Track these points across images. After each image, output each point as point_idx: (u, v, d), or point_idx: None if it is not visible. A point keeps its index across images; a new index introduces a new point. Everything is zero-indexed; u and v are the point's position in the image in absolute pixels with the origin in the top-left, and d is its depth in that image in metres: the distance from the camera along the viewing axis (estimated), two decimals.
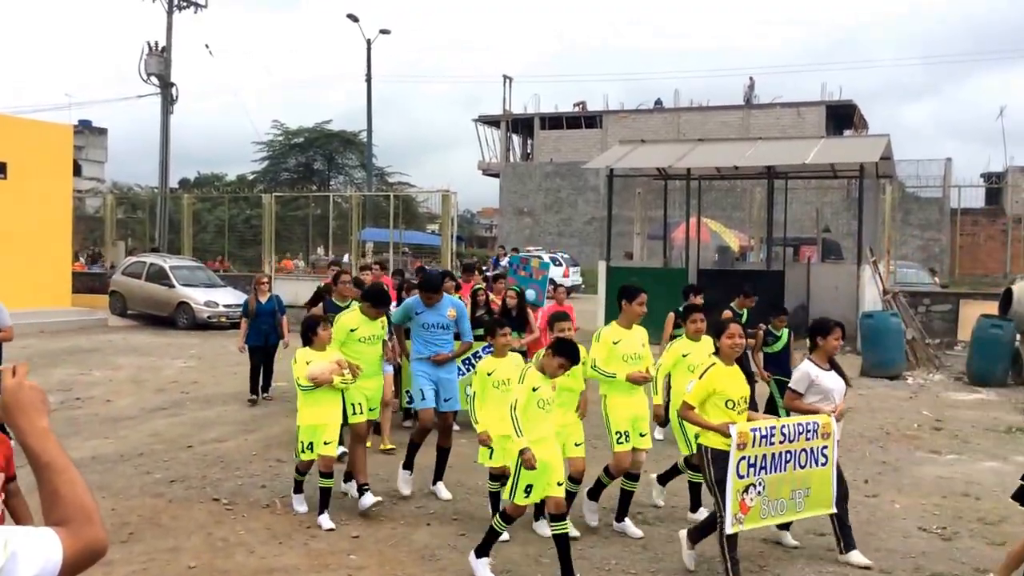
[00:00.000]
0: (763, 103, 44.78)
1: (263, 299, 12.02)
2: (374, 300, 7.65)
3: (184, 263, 23.36)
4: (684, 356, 7.07)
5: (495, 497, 6.74)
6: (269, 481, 8.06)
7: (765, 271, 18.64)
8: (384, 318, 7.91)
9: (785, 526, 6.44)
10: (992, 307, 15.87)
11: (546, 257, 21.62)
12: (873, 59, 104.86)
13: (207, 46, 34.06)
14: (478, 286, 11.16)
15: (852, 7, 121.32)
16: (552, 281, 14.40)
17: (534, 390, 5.73)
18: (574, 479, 6.52)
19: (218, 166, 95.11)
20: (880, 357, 15.10)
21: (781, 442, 5.84)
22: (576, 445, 6.54)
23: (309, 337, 7.08)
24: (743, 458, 5.62)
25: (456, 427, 8.65)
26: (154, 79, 28.03)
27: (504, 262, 20.62)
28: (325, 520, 6.84)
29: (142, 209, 34.71)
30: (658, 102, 47.64)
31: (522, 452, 5.60)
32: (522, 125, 50.38)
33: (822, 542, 6.63)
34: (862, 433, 10.58)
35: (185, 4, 28.78)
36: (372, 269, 13.80)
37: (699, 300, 9.69)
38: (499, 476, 6.62)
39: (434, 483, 7.69)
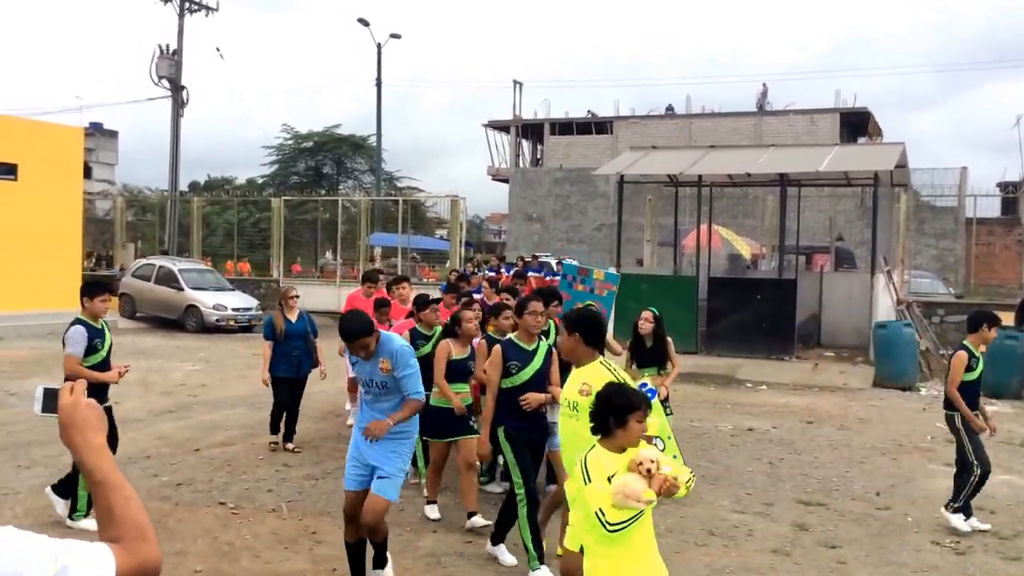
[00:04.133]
0: (776, 110, 44.61)
1: (292, 317, 9.50)
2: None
3: (193, 266, 23.38)
4: None
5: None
6: (276, 485, 8.01)
7: (777, 279, 18.51)
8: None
9: None
10: (1007, 318, 15.70)
11: (612, 268, 19.23)
12: (887, 67, 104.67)
13: (218, 49, 34.23)
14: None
15: (867, 14, 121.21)
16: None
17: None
18: None
19: (228, 169, 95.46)
20: (893, 368, 14.97)
21: None
22: None
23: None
24: None
25: None
26: (165, 82, 28.13)
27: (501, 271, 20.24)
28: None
29: (152, 212, 34.81)
30: (669, 108, 47.52)
31: None
32: (532, 130, 50.33)
33: (833, 554, 6.54)
34: (874, 445, 10.47)
35: (196, 7, 28.89)
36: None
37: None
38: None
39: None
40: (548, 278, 22.19)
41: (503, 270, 18.59)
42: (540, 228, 46.21)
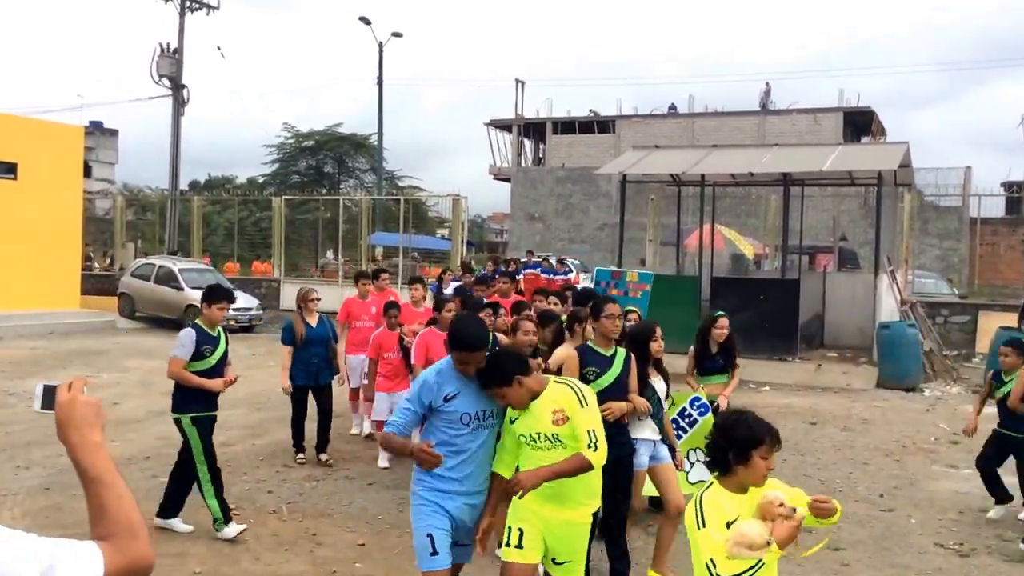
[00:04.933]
0: (779, 109, 44.51)
1: (313, 322, 8.87)
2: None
3: (193, 266, 23.33)
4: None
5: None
6: (276, 487, 7.97)
7: (780, 279, 18.43)
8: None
9: None
10: (1011, 318, 15.64)
11: (645, 268, 18.23)
12: (891, 66, 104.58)
13: (219, 48, 34.15)
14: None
15: (870, 13, 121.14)
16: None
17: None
18: None
19: (228, 168, 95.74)
20: (897, 368, 14.90)
21: None
22: None
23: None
24: None
25: None
26: (166, 81, 28.05)
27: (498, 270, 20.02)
28: None
29: (152, 211, 34.78)
30: (672, 107, 47.43)
31: None
32: (534, 129, 50.27)
33: (836, 556, 6.49)
34: (878, 446, 10.42)
35: (197, 6, 28.82)
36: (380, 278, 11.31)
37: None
38: None
39: None
40: (545, 276, 22.14)
41: (497, 272, 18.16)
42: (542, 228, 46.15)
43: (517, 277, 17.78)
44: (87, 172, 39.77)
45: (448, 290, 12.50)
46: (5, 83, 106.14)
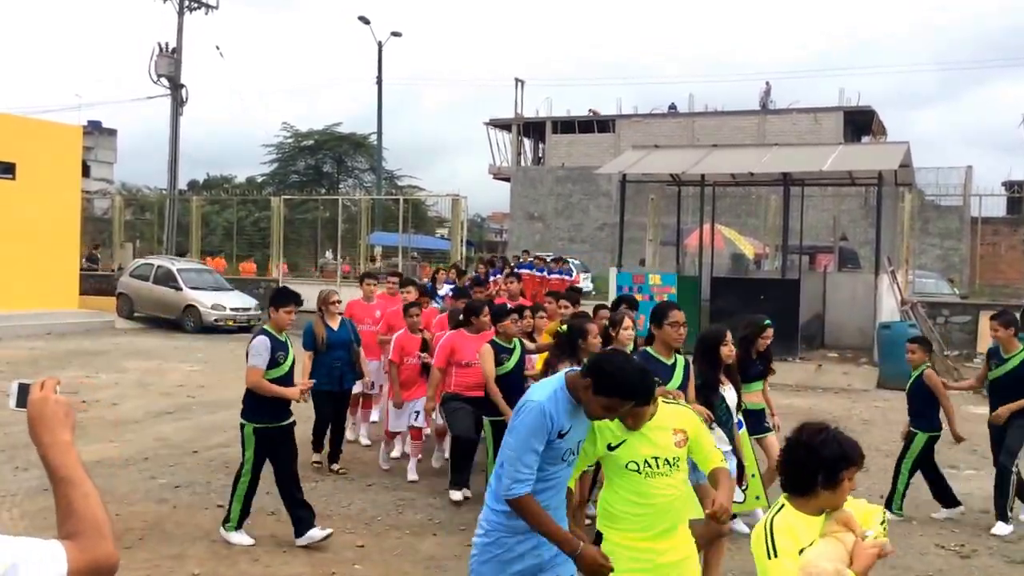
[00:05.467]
0: (779, 108, 44.55)
1: (334, 325, 8.51)
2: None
3: (192, 266, 23.29)
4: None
5: None
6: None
7: (780, 279, 18.40)
8: None
9: None
10: None
11: (644, 268, 17.78)
12: (891, 65, 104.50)
13: (218, 47, 34.16)
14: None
15: (870, 13, 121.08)
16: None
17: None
18: None
19: (227, 168, 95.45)
20: (897, 368, 14.79)
21: None
22: None
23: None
24: None
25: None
26: (164, 80, 28.03)
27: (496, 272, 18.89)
28: None
29: (151, 211, 34.68)
30: (672, 107, 47.45)
31: None
32: (533, 129, 50.28)
33: None
34: (878, 447, 10.38)
35: (196, 5, 28.81)
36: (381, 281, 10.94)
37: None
38: None
39: None
40: (539, 275, 22.10)
41: (492, 275, 17.49)
42: (542, 227, 46.15)
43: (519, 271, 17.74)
44: (85, 172, 39.73)
45: (442, 292, 12.38)
46: (3, 83, 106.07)
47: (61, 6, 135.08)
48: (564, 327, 6.70)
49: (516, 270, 19.56)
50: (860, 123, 44.33)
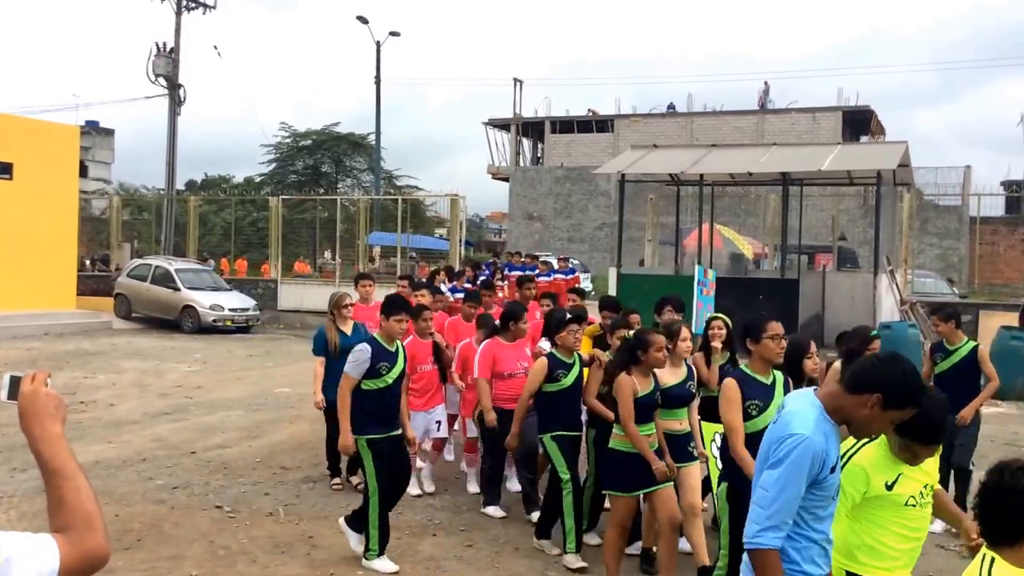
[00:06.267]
0: (778, 108, 44.52)
1: (347, 330, 7.98)
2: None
3: (190, 266, 23.24)
4: None
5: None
6: (272, 489, 7.90)
7: (779, 279, 18.39)
8: None
9: None
10: (1012, 318, 15.57)
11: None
12: (890, 65, 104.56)
13: (215, 47, 34.10)
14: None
15: (869, 12, 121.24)
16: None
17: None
18: None
19: (225, 168, 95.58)
20: None
21: None
22: None
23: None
24: None
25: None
26: (162, 80, 28.01)
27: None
28: None
29: (148, 211, 34.60)
30: (671, 106, 47.41)
31: None
32: (532, 129, 50.24)
33: None
34: None
35: (194, 5, 28.79)
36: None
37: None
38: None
39: None
40: (536, 275, 21.88)
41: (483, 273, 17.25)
42: (541, 227, 46.12)
43: (501, 283, 17.21)
44: (83, 172, 39.60)
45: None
46: (0, 82, 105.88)
47: (58, 6, 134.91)
48: (628, 333, 6.12)
49: (507, 272, 19.36)
50: (859, 123, 44.31)
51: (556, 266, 20.85)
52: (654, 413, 5.58)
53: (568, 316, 6.64)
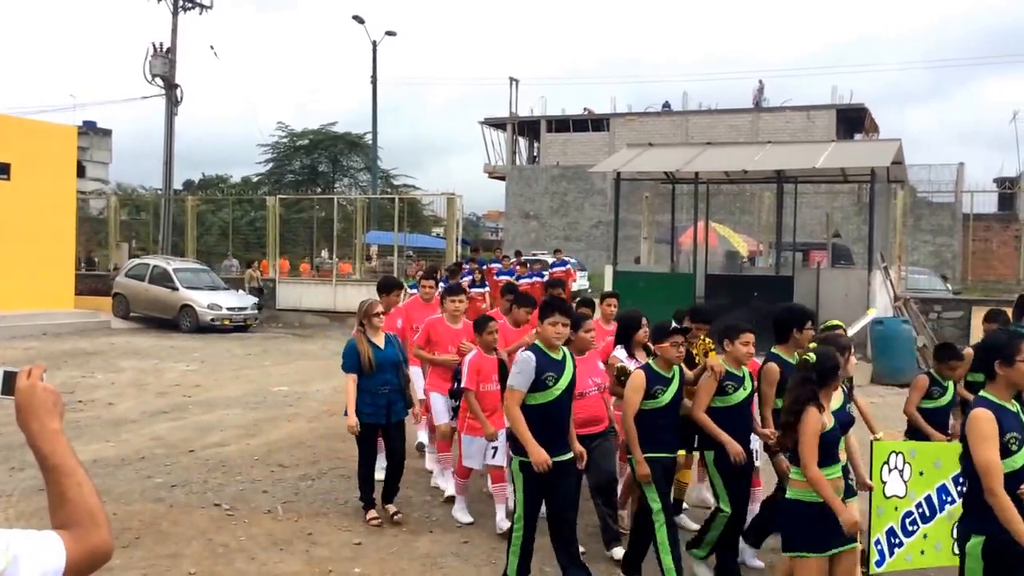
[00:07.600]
0: (773, 106, 44.59)
1: (380, 342, 6.97)
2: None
3: (188, 265, 23.27)
4: None
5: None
6: (271, 486, 7.95)
7: (774, 276, 18.45)
8: None
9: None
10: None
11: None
12: (884, 63, 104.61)
13: (212, 47, 34.11)
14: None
15: (863, 11, 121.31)
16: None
17: None
18: None
19: (222, 168, 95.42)
20: (891, 364, 14.92)
21: None
22: None
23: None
24: None
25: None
26: (159, 80, 28.01)
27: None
28: None
29: (146, 211, 34.63)
30: (666, 105, 47.48)
31: None
32: (528, 128, 50.27)
33: None
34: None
35: (191, 5, 28.78)
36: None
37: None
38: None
39: None
40: (526, 280, 21.92)
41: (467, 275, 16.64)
42: (537, 226, 46.17)
43: (484, 288, 17.06)
44: (80, 172, 39.53)
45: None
46: None
47: (56, 6, 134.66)
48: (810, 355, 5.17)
49: (497, 276, 19.23)
50: (853, 120, 44.37)
51: (552, 260, 20.88)
52: (838, 450, 4.64)
53: (673, 326, 5.80)
